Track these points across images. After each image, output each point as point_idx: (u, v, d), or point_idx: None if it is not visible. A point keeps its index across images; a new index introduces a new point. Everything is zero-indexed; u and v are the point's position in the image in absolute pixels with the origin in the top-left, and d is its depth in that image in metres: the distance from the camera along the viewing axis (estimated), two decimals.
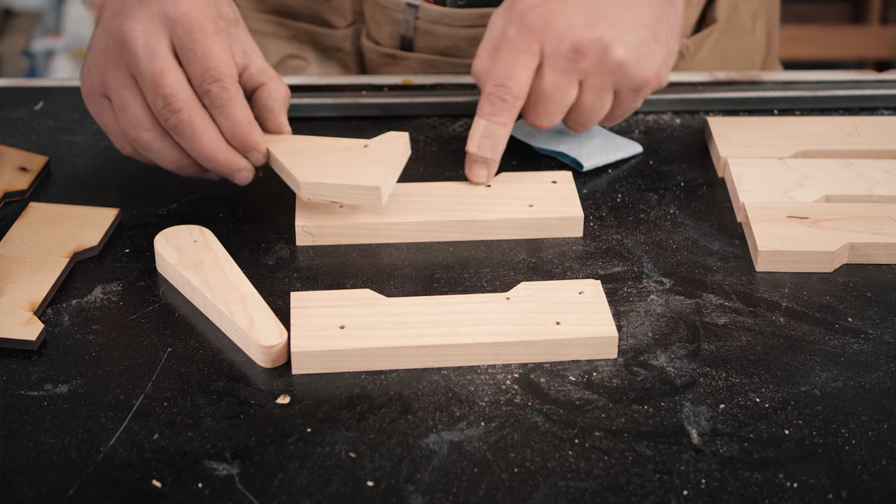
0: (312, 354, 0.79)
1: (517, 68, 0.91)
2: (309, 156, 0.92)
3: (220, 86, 0.87)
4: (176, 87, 0.86)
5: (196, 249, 0.88)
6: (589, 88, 0.92)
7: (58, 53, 2.96)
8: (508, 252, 0.91)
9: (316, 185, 0.90)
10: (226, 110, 0.88)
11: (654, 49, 0.92)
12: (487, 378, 0.79)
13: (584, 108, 0.94)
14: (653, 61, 0.92)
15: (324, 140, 0.94)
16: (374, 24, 1.15)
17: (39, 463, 0.73)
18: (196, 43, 0.87)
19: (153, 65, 0.86)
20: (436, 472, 0.72)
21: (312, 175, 0.90)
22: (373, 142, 0.94)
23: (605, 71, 0.91)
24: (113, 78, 0.88)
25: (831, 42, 2.86)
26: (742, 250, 0.92)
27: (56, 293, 0.86)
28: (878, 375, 0.80)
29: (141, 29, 0.86)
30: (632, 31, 0.91)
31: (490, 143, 0.93)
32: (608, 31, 0.90)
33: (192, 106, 0.87)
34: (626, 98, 0.94)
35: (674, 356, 0.81)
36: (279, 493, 0.71)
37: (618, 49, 0.90)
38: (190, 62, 0.87)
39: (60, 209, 0.93)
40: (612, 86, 0.92)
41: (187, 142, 0.88)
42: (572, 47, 0.90)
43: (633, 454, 0.74)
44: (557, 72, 0.91)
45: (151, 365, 0.80)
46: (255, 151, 0.90)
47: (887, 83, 1.12)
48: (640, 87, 0.93)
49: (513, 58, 0.91)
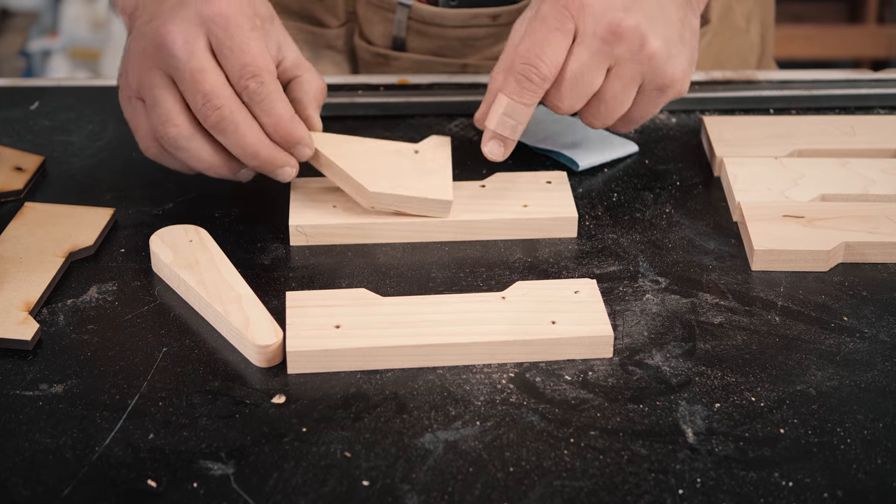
0: (308, 354, 0.79)
1: (548, 47, 0.88)
2: (364, 161, 0.91)
3: (258, 81, 0.87)
4: (216, 84, 0.86)
5: (191, 249, 0.88)
6: (616, 77, 0.89)
7: (54, 53, 2.95)
8: (504, 251, 0.91)
9: (385, 196, 0.90)
10: (265, 105, 0.87)
11: (681, 50, 0.90)
12: (483, 377, 0.79)
13: (606, 97, 0.90)
14: (680, 62, 0.90)
15: (370, 142, 0.94)
16: (366, 23, 1.15)
17: (34, 463, 0.73)
18: (232, 40, 0.86)
19: (192, 63, 0.85)
20: (431, 472, 0.72)
21: (380, 185, 0.90)
22: (421, 147, 0.94)
23: (636, 60, 0.88)
24: (148, 78, 0.87)
25: (828, 42, 2.86)
26: (738, 249, 0.92)
27: (51, 293, 0.86)
28: (874, 374, 0.80)
29: (178, 30, 0.86)
30: (664, 24, 0.89)
31: (511, 123, 0.90)
32: (645, 20, 0.88)
33: (232, 102, 0.86)
34: (649, 97, 0.92)
35: (669, 355, 0.81)
36: (274, 492, 0.71)
37: (653, 40, 0.88)
38: (227, 59, 0.86)
39: (56, 209, 0.93)
40: (640, 78, 0.90)
41: (229, 138, 0.87)
42: (610, 29, 0.87)
43: (628, 453, 0.74)
44: (590, 53, 0.88)
45: (147, 365, 0.80)
46: (300, 146, 0.89)
47: (883, 82, 1.12)
48: (665, 86, 0.91)
49: (544, 36, 0.88)
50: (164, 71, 0.87)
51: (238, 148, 0.87)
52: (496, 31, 1.13)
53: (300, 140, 0.89)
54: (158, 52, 0.86)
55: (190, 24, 0.86)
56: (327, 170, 0.92)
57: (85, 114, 1.08)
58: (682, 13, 0.91)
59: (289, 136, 0.88)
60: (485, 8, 1.12)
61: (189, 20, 0.86)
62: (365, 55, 1.16)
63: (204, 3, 0.87)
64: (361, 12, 1.15)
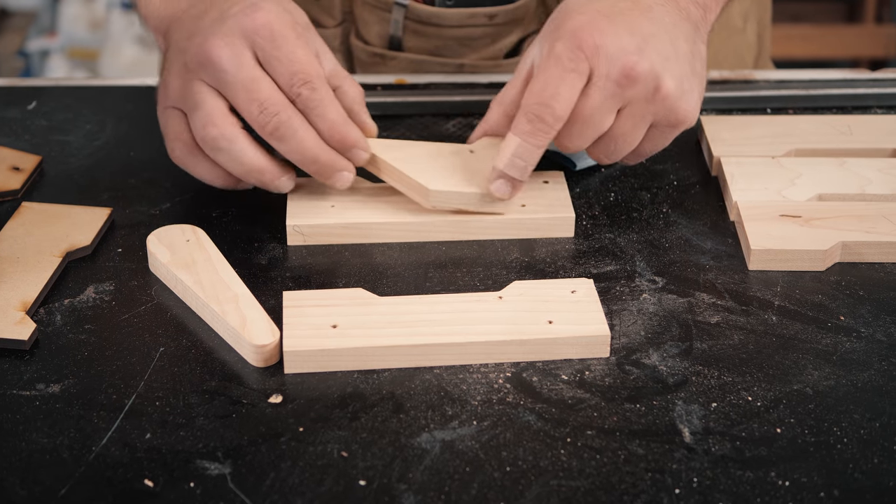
0: (305, 354, 0.79)
1: (564, 88, 0.86)
2: (421, 162, 0.92)
3: (310, 88, 0.87)
4: (271, 91, 0.86)
5: (188, 249, 0.88)
6: (628, 116, 0.89)
7: (53, 53, 2.95)
8: (501, 251, 0.91)
9: (445, 194, 0.90)
10: (319, 111, 0.87)
11: (693, 84, 0.89)
12: (480, 377, 0.79)
13: (616, 136, 0.90)
14: (692, 97, 0.89)
15: (425, 145, 0.94)
16: (363, 23, 1.15)
17: (31, 463, 0.73)
18: (280, 50, 0.86)
19: (243, 74, 0.86)
20: (428, 471, 0.72)
21: (439, 183, 0.90)
22: (476, 147, 0.94)
23: (650, 101, 0.88)
24: (190, 88, 0.87)
25: (826, 41, 2.86)
26: (735, 249, 0.92)
27: (48, 293, 0.86)
28: (870, 374, 0.80)
29: (223, 44, 0.86)
30: (676, 62, 0.88)
31: (521, 164, 0.89)
32: (659, 61, 0.87)
33: (288, 108, 0.86)
34: (661, 133, 0.91)
35: (666, 355, 0.81)
36: (271, 492, 0.71)
37: (667, 81, 0.87)
38: (276, 69, 0.87)
39: (53, 209, 0.93)
40: (651, 118, 0.89)
41: (289, 144, 0.87)
42: (624, 72, 0.86)
43: (625, 453, 0.74)
44: (604, 96, 0.87)
45: (144, 364, 0.80)
46: (356, 149, 0.89)
47: (880, 82, 1.12)
48: (679, 122, 0.90)
49: (560, 76, 0.86)
50: (209, 83, 0.87)
51: (297, 153, 0.87)
52: (493, 30, 1.13)
53: (356, 143, 0.89)
54: (203, 66, 0.86)
55: (234, 37, 0.86)
56: (385, 173, 0.92)
57: (83, 114, 1.08)
58: (691, 45, 0.90)
59: (345, 140, 0.88)
60: (481, 7, 1.12)
61: (232, 34, 0.86)
62: (361, 55, 1.16)
63: (245, 17, 0.87)
64: (358, 12, 1.15)
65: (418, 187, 0.91)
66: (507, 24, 1.13)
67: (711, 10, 0.95)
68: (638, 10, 0.89)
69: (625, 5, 0.89)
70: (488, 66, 1.15)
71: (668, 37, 0.88)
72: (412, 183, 0.91)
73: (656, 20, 0.89)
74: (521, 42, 1.16)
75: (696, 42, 0.91)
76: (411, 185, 0.91)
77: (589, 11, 0.88)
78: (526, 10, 1.13)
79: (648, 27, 0.88)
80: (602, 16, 0.87)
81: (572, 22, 0.87)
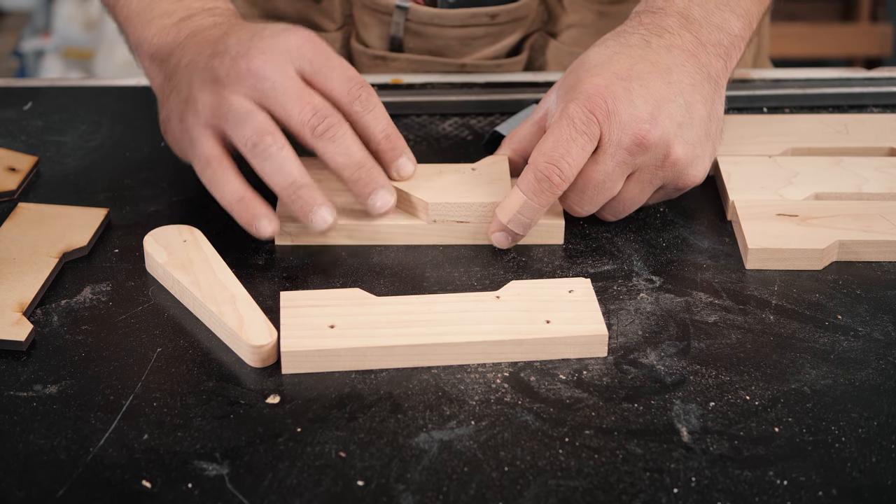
0: (302, 354, 0.79)
1: (574, 149, 0.86)
2: (422, 180, 0.92)
3: (367, 91, 0.88)
4: (322, 99, 0.87)
5: (185, 249, 0.88)
6: (636, 181, 0.89)
7: (47, 53, 2.95)
8: (498, 251, 0.91)
9: (444, 206, 0.90)
10: (378, 112, 0.89)
11: (705, 149, 0.90)
12: (477, 377, 0.79)
13: (625, 199, 0.91)
14: (703, 163, 0.90)
15: (427, 167, 0.94)
16: (363, 26, 1.15)
17: (28, 464, 0.73)
18: (330, 59, 0.88)
19: (291, 82, 0.86)
20: (426, 472, 0.72)
21: (439, 196, 0.91)
22: (478, 166, 0.94)
23: (658, 167, 0.88)
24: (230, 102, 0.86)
25: (821, 40, 2.86)
26: (732, 248, 0.92)
27: (45, 294, 0.86)
28: (868, 372, 0.80)
29: (266, 58, 0.86)
30: (690, 127, 0.88)
31: (524, 221, 0.89)
32: (671, 128, 0.87)
33: (338, 114, 0.87)
34: (666, 193, 0.93)
35: (664, 354, 0.81)
36: (269, 492, 0.71)
37: (678, 148, 0.88)
38: (331, 79, 0.87)
39: (49, 209, 0.93)
40: (660, 182, 0.90)
41: (339, 145, 0.87)
42: (635, 141, 0.86)
43: (623, 452, 0.74)
44: (614, 162, 0.87)
45: (141, 365, 0.80)
46: (404, 159, 0.91)
47: (876, 81, 1.12)
48: (685, 187, 0.91)
49: (571, 137, 0.86)
50: (249, 95, 0.86)
51: (345, 156, 0.87)
52: (495, 30, 1.13)
53: (405, 150, 0.91)
54: (242, 79, 0.86)
55: (275, 53, 0.87)
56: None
57: (78, 114, 1.08)
58: (709, 106, 0.90)
59: (398, 142, 0.90)
60: (483, 7, 1.11)
61: (272, 50, 0.87)
62: (362, 58, 1.16)
63: (284, 37, 0.87)
64: (358, 15, 1.15)
65: (418, 202, 0.91)
66: (509, 23, 1.13)
67: (733, 57, 0.95)
68: (657, 72, 0.89)
69: (643, 67, 0.89)
70: (490, 66, 1.15)
71: (685, 100, 0.89)
72: (412, 199, 0.91)
73: (674, 83, 0.89)
74: (523, 41, 1.16)
75: (715, 101, 0.91)
76: (412, 201, 0.91)
77: (606, 73, 0.88)
78: (528, 9, 1.13)
79: (664, 92, 0.88)
80: (618, 79, 0.88)
81: (588, 84, 0.88)
